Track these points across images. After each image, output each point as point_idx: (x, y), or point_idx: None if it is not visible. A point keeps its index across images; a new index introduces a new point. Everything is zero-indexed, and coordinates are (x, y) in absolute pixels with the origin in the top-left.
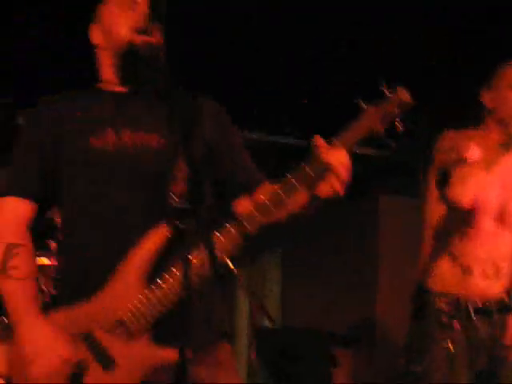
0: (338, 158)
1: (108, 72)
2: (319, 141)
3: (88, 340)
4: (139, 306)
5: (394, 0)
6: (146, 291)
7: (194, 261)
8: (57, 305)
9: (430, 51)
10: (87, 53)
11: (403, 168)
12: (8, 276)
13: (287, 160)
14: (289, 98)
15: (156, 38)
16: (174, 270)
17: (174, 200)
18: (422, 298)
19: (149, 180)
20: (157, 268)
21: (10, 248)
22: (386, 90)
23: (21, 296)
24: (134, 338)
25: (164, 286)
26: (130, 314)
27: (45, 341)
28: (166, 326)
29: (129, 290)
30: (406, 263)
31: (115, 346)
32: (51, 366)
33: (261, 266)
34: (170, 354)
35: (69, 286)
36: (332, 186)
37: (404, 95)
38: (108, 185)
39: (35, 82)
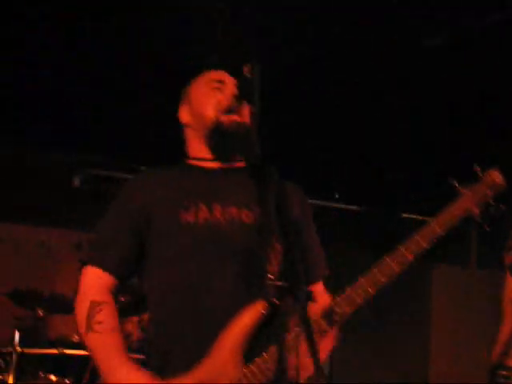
0: None
1: (197, 149)
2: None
3: None
4: (236, 381)
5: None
6: (244, 368)
7: (290, 338)
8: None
9: None
10: None
11: (455, 236)
12: (94, 331)
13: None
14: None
15: (243, 116)
16: (271, 348)
17: (270, 277)
18: (502, 376)
19: (240, 255)
20: (253, 344)
21: (93, 305)
22: (479, 173)
23: (109, 346)
24: None
25: (262, 364)
26: None
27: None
28: None
29: (226, 366)
30: (457, 327)
31: None
32: None
33: None
34: None
35: (159, 358)
36: None
37: (498, 177)
38: (199, 259)
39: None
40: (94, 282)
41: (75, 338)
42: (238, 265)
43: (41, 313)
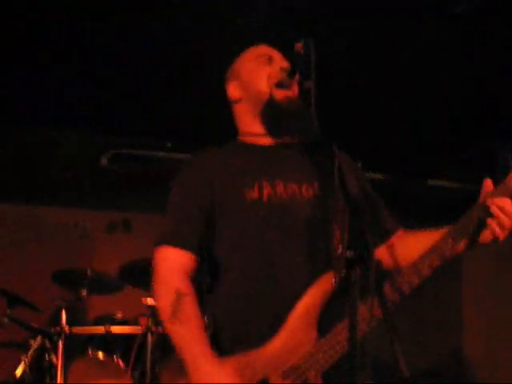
0: (503, 205)
1: (249, 124)
2: (487, 186)
3: None
4: (314, 352)
5: None
6: (320, 338)
7: (363, 308)
8: (218, 347)
9: None
10: None
11: None
12: (178, 319)
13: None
14: None
15: (294, 91)
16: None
17: (337, 248)
18: None
19: (305, 229)
20: (325, 315)
21: (178, 295)
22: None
23: (192, 335)
24: (309, 383)
25: (338, 335)
26: (304, 361)
27: (226, 376)
28: (338, 372)
29: (301, 337)
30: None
31: None
32: None
33: None
34: None
35: (229, 334)
36: (494, 233)
37: None
38: (266, 235)
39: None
40: (175, 265)
41: (118, 316)
42: (304, 238)
43: (84, 292)
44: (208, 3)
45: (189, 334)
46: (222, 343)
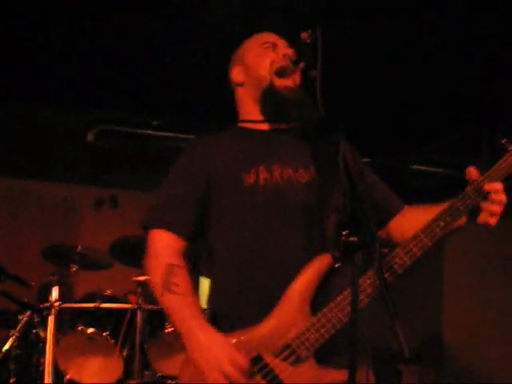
0: (496, 189)
1: (249, 109)
2: (473, 172)
3: (257, 363)
4: (305, 331)
5: None
6: (312, 317)
7: (364, 286)
8: (215, 327)
9: None
10: None
11: None
12: (171, 292)
13: None
14: None
15: (295, 80)
16: (338, 298)
17: (332, 232)
18: None
19: (300, 212)
20: (319, 295)
21: (169, 268)
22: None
23: (187, 308)
24: (300, 361)
25: (329, 313)
26: (296, 339)
27: (223, 347)
28: (330, 349)
29: (294, 316)
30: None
31: (283, 370)
32: (231, 374)
33: None
34: (335, 376)
35: (225, 315)
36: (489, 215)
37: None
38: (263, 218)
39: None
40: (166, 244)
41: (108, 293)
42: (299, 222)
43: (74, 268)
44: None
45: (183, 305)
46: (219, 323)
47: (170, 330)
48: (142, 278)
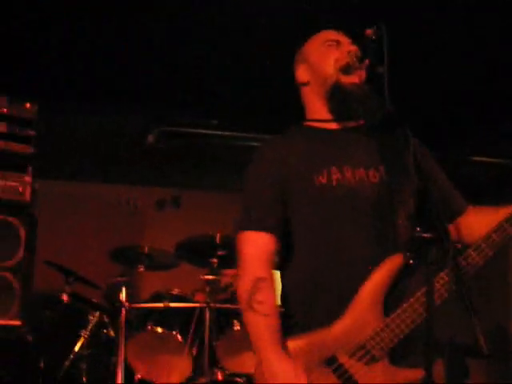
0: None
1: (316, 108)
2: None
3: (332, 364)
4: (379, 331)
5: None
6: (386, 318)
7: (438, 286)
8: (288, 325)
9: None
10: None
11: None
12: (254, 310)
13: None
14: None
15: (361, 76)
16: (411, 299)
17: (404, 230)
18: None
19: (372, 212)
20: (391, 295)
21: (256, 282)
22: None
23: (264, 331)
24: (375, 361)
25: (402, 314)
26: (370, 340)
27: (285, 377)
28: (404, 349)
29: (368, 317)
30: None
31: (357, 370)
32: None
33: None
34: (409, 375)
35: (300, 312)
36: None
37: None
38: (336, 218)
39: None
40: (258, 249)
41: (175, 292)
42: (372, 221)
43: (141, 269)
44: None
45: (263, 326)
46: (293, 320)
47: (237, 327)
48: (209, 277)
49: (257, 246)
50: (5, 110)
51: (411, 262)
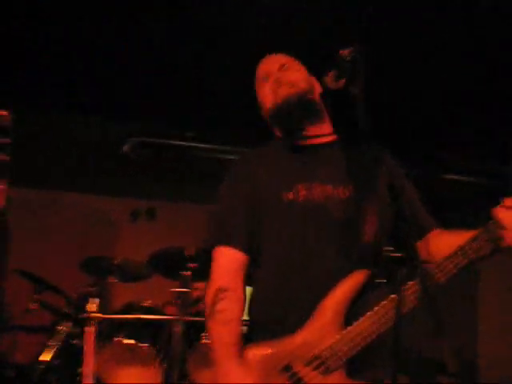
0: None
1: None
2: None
3: (288, 371)
4: (336, 343)
5: None
6: (343, 330)
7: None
8: (253, 337)
9: None
10: None
11: None
12: (214, 319)
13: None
14: None
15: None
16: (369, 313)
17: (368, 247)
18: None
19: (338, 228)
20: (354, 309)
21: (218, 292)
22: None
23: (222, 340)
24: (330, 372)
25: (359, 326)
26: (327, 350)
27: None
28: (361, 362)
29: (327, 328)
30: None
31: (311, 378)
32: None
33: None
34: None
35: (263, 324)
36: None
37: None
38: (302, 232)
39: None
40: (226, 263)
41: (146, 304)
42: (337, 237)
43: (112, 279)
44: None
45: (219, 332)
46: (259, 331)
47: (207, 341)
48: (180, 290)
49: (226, 259)
50: None
51: (376, 279)
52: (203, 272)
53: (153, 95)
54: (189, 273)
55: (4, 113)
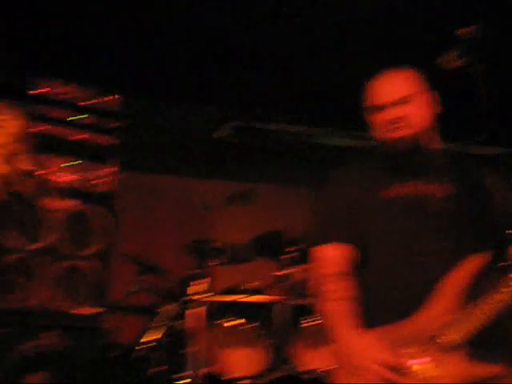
0: None
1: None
2: None
3: (407, 348)
4: (454, 324)
5: None
6: (460, 312)
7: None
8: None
9: None
10: None
11: None
12: (329, 298)
13: None
14: None
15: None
16: (486, 296)
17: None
18: None
19: (436, 220)
20: (470, 292)
21: (329, 277)
22: None
23: (339, 314)
24: (451, 352)
25: (477, 309)
26: (445, 333)
27: (366, 351)
28: (481, 344)
29: (445, 310)
30: None
31: (433, 359)
32: (383, 374)
33: None
34: (485, 369)
35: (379, 311)
36: None
37: None
38: (406, 223)
39: None
40: (337, 256)
41: (251, 286)
42: (437, 227)
43: (215, 262)
44: None
45: (333, 308)
46: (372, 320)
47: (312, 323)
48: (283, 273)
49: (336, 254)
50: (90, 102)
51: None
52: (304, 255)
53: (249, 83)
54: (290, 255)
55: (113, 97)
